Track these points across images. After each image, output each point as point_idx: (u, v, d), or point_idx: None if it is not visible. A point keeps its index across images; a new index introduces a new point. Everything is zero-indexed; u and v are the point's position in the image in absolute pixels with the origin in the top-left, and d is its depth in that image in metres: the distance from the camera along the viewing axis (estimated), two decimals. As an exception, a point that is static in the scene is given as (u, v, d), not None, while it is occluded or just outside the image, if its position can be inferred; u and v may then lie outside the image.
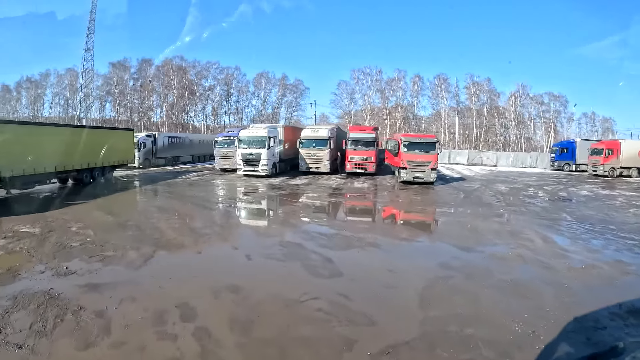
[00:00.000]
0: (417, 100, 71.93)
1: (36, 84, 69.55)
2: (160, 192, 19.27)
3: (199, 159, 43.17)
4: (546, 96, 68.00)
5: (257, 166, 25.45)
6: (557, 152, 40.88)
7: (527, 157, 46.56)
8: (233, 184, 22.89)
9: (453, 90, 70.37)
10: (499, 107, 68.85)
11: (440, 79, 70.32)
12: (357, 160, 27.40)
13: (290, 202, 17.15)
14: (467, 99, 69.66)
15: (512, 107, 67.45)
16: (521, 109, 67.99)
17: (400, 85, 71.77)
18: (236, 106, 76.27)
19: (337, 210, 15.87)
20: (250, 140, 25.88)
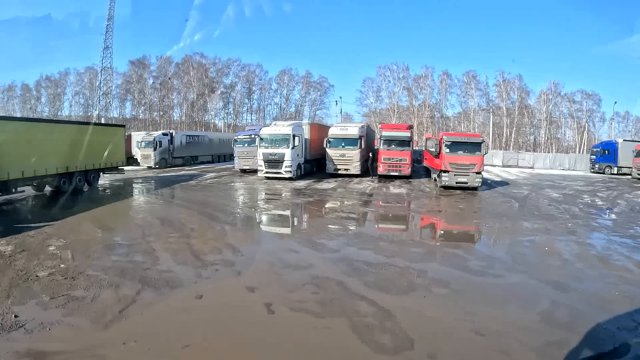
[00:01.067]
0: (445, 98, 68.27)
1: (55, 82, 69.17)
2: (170, 198, 16.88)
3: (218, 158, 41.07)
4: (578, 94, 63.50)
5: (280, 168, 22.85)
6: (597, 153, 37.43)
7: (566, 158, 43.06)
8: (253, 188, 20.33)
9: (482, 88, 66.48)
10: (529, 105, 64.95)
11: (470, 76, 66.25)
12: (391, 162, 24.64)
13: (319, 213, 14.44)
14: (497, 97, 65.69)
15: (543, 105, 63.21)
16: (553, 108, 63.72)
17: (427, 82, 68.10)
18: (258, 104, 74.29)
19: (380, 225, 13.09)
20: (272, 138, 23.31)
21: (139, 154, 34.64)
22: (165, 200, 16.31)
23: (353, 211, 14.32)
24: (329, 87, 73.66)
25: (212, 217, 12.53)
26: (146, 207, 14.92)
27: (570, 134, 64.96)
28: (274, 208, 14.92)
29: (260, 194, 18.52)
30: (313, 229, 11.74)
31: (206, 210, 13.74)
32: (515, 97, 64.19)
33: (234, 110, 72.08)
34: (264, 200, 16.69)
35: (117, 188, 20.35)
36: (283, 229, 12.49)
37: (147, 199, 16.97)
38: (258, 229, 12.19)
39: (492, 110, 63.86)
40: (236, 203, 15.83)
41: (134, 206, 15.23)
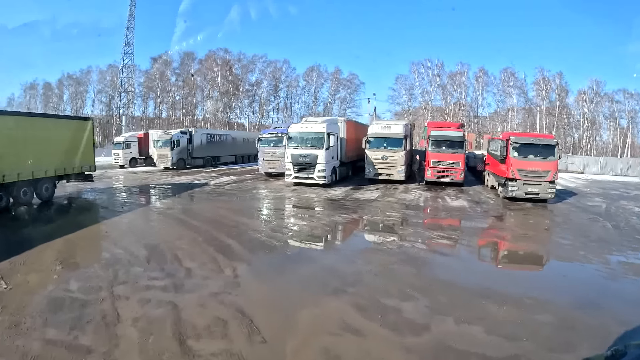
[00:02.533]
0: (481, 96, 63.25)
1: (77, 80, 67.60)
2: (175, 212, 13.17)
3: (242, 159, 37.76)
4: (620, 93, 57.36)
5: (313, 172, 19.03)
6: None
7: (617, 163, 38.44)
8: (279, 198, 16.54)
9: (520, 86, 61.28)
10: (568, 105, 59.77)
11: (508, 73, 61.02)
12: (441, 167, 20.57)
13: (374, 241, 10.44)
14: (537, 96, 60.20)
15: (584, 105, 57.62)
16: (595, 108, 58.04)
17: (463, 80, 63.30)
18: (285, 102, 70.82)
19: (472, 268, 8.69)
20: (303, 137, 19.51)
21: (155, 154, 31.66)
22: (167, 215, 12.61)
23: (419, 235, 10.32)
24: (359, 85, 69.48)
25: (223, 248, 8.67)
26: (138, 227, 11.20)
27: (609, 136, 59.74)
28: (309, 233, 10.67)
29: (288, 207, 14.70)
30: (376, 281, 7.35)
31: (216, 234, 9.93)
32: (555, 96, 59.14)
33: (259, 109, 68.88)
34: (294, 217, 12.82)
35: (112, 198, 16.93)
36: (325, 276, 7.47)
37: (145, 213, 13.31)
38: (289, 274, 7.55)
39: (538, 110, 58.73)
40: (257, 222, 11.84)
41: (123, 224, 11.45)
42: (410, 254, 8.81)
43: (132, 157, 34.53)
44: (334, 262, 8.16)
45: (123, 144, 34.23)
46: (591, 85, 56.97)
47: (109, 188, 19.61)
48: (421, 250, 9.20)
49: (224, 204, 14.58)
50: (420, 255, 8.86)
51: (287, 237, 9.84)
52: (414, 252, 8.96)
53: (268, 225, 11.26)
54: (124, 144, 34.28)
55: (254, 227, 10.87)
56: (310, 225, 11.29)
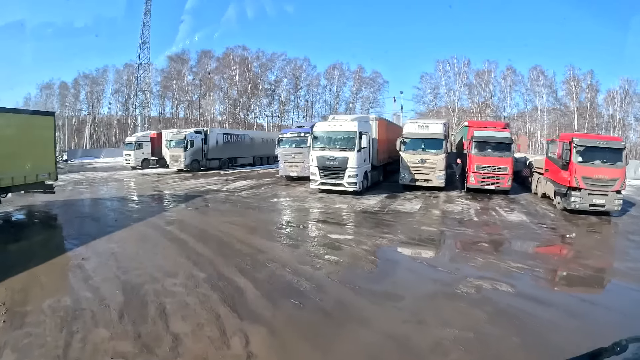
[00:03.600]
0: (509, 96, 59.45)
1: (93, 79, 66.50)
2: (172, 229, 10.57)
3: (261, 160, 35.43)
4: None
5: (342, 178, 16.35)
6: None
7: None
8: (303, 210, 13.90)
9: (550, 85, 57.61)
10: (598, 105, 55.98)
11: (537, 71, 57.26)
12: (486, 172, 17.68)
13: (436, 278, 7.58)
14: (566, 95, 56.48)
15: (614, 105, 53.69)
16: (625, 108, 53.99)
17: (490, 78, 59.84)
18: (305, 101, 68.24)
19: (594, 327, 5.74)
20: (331, 138, 16.87)
21: (167, 155, 29.46)
22: (165, 235, 10.00)
23: (498, 274, 7.49)
24: (383, 83, 66.47)
25: (230, 295, 5.98)
26: (125, 252, 8.60)
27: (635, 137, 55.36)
28: (350, 266, 7.83)
29: (316, 223, 12.00)
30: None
31: (224, 267, 7.29)
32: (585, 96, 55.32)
33: (279, 109, 66.51)
34: (326, 239, 10.09)
35: (109, 207, 14.59)
36: (389, 356, 4.61)
37: (139, 231, 10.68)
38: (330, 353, 4.68)
39: (575, 110, 54.87)
40: (279, 247, 8.95)
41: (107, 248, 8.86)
42: (498, 305, 5.99)
43: (144, 158, 32.47)
44: (394, 323, 5.38)
45: (135, 144, 32.20)
46: (622, 85, 53.25)
47: (109, 193, 17.38)
48: (509, 295, 6.38)
49: (238, 218, 11.99)
50: (513, 305, 6.02)
51: (321, 274, 7.11)
52: (501, 300, 6.14)
53: (293, 252, 8.53)
54: (135, 144, 32.24)
55: (275, 255, 8.18)
56: (349, 254, 8.54)
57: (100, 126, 65.79)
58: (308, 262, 7.71)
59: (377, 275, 7.52)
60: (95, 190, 18.73)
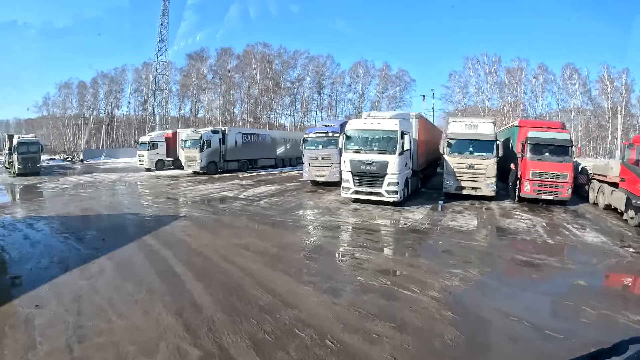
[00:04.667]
0: (541, 95, 55.84)
1: (111, 79, 65.66)
2: (166, 257, 7.98)
3: (283, 162, 33.08)
4: None
5: (380, 186, 13.69)
6: None
7: None
8: (336, 228, 11.20)
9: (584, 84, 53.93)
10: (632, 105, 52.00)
11: (570, 69, 53.47)
12: (543, 180, 14.94)
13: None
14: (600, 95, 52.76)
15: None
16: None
17: (521, 76, 56.35)
18: (329, 100, 65.58)
19: None
20: (367, 138, 14.28)
21: (182, 156, 27.32)
22: (155, 266, 7.41)
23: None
24: (409, 82, 63.35)
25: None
26: (97, 298, 6.01)
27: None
28: (420, 329, 5.02)
29: (356, 249, 9.29)
30: None
31: (230, 339, 4.69)
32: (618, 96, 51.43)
33: (301, 108, 64.00)
34: (375, 280, 7.30)
35: (104, 219, 12.32)
36: None
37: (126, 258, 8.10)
38: None
39: (620, 110, 50.81)
40: (311, 295, 6.04)
41: (75, 287, 6.40)
42: None
43: (159, 159, 30.46)
44: None
45: (149, 144, 30.23)
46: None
47: (110, 200, 15.17)
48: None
49: (255, 239, 9.40)
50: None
51: (383, 356, 4.48)
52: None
53: (333, 306, 5.73)
54: (149, 144, 30.26)
55: (307, 311, 5.49)
56: (415, 308, 5.79)
57: (119, 126, 64.77)
58: (358, 327, 5.04)
59: (466, 350, 4.80)
60: (97, 196, 16.58)
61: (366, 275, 7.04)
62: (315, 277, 6.90)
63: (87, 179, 24.54)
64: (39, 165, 27.41)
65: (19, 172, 26.13)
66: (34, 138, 28.62)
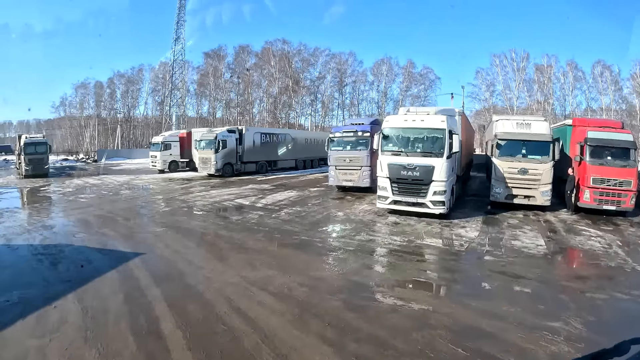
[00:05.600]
0: (571, 93, 52.70)
1: (128, 79, 64.94)
2: (151, 293, 5.95)
3: (304, 164, 30.84)
4: None
5: (425, 195, 11.41)
6: None
7: None
8: (374, 249, 8.81)
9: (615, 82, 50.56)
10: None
11: (601, 67, 50.23)
12: (605, 188, 12.66)
13: None
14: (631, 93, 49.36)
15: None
16: None
17: (550, 74, 53.20)
18: (350, 99, 63.11)
19: None
20: (409, 137, 12.02)
21: (197, 157, 25.40)
22: (137, 314, 5.42)
23: None
24: (434, 80, 60.59)
25: None
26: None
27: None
28: None
29: (409, 286, 6.95)
30: None
31: None
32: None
33: (322, 107, 61.66)
34: (443, 337, 5.03)
35: (91, 236, 10.34)
36: None
37: (97, 298, 6.17)
38: None
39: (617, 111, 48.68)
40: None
41: (19, 348, 4.53)
42: None
43: (172, 160, 28.62)
44: None
45: (161, 145, 28.41)
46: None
47: (109, 207, 13.19)
48: None
49: (274, 271, 7.09)
50: None
51: None
52: None
53: None
54: (162, 144, 28.44)
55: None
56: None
57: (136, 126, 63.75)
58: None
59: None
60: (96, 203, 14.70)
61: (437, 341, 4.71)
62: (364, 344, 4.60)
63: (94, 181, 22.85)
64: (47, 167, 25.97)
65: (25, 173, 24.80)
66: (41, 138, 27.19)
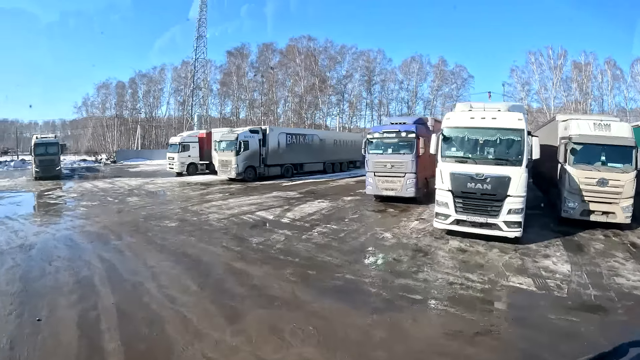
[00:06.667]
0: (610, 93, 49.80)
1: (150, 78, 64.14)
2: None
3: (332, 167, 28.40)
4: None
5: (497, 214, 8.86)
6: None
7: None
8: (444, 297, 6.06)
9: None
10: None
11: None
12: None
13: None
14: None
15: None
16: None
17: (588, 72, 49.83)
18: (379, 99, 60.39)
19: None
20: (477, 140, 9.45)
21: (216, 159, 23.29)
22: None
23: None
24: (467, 79, 57.57)
25: None
26: None
27: None
28: None
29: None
30: None
31: None
32: None
33: (349, 107, 59.08)
34: None
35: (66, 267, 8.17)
36: None
37: None
38: None
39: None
40: None
41: None
42: None
43: (191, 162, 26.64)
44: None
45: (179, 146, 26.45)
46: None
47: (105, 221, 11.09)
48: None
49: (311, 350, 4.66)
50: None
51: None
52: None
53: None
54: (180, 145, 26.48)
55: None
56: None
57: (157, 126, 62.71)
58: None
59: None
60: (95, 214, 12.72)
61: None
62: None
63: (104, 185, 21.03)
64: (58, 169, 24.41)
65: (36, 175, 23.42)
66: (53, 138, 25.70)
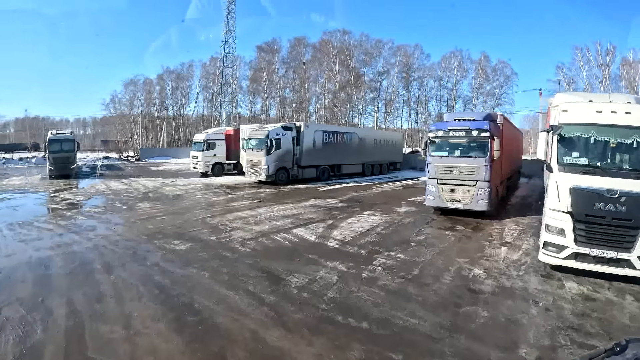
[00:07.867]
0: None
1: (178, 75, 62.96)
2: None
3: (372, 169, 25.71)
4: None
5: (631, 248, 5.93)
6: None
7: None
8: None
9: None
10: None
11: None
12: None
13: None
14: None
15: None
16: None
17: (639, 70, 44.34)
18: (417, 96, 57.19)
19: None
20: (607, 143, 6.46)
21: (244, 159, 21.00)
22: None
23: None
24: (510, 76, 53.28)
25: None
26: None
27: None
28: None
29: None
30: None
31: None
32: None
33: (386, 105, 56.12)
34: None
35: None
36: None
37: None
38: None
39: None
40: None
41: None
42: None
43: (216, 161, 24.42)
44: None
45: (204, 144, 24.23)
46: None
47: (104, 235, 8.83)
48: None
49: None
50: None
51: None
52: None
53: None
54: (205, 143, 24.26)
55: None
56: None
57: (185, 124, 61.55)
58: None
59: None
60: (94, 225, 10.50)
61: None
62: None
63: (119, 186, 19.05)
64: (74, 167, 22.80)
65: (50, 174, 22.00)
66: (68, 134, 24.10)
